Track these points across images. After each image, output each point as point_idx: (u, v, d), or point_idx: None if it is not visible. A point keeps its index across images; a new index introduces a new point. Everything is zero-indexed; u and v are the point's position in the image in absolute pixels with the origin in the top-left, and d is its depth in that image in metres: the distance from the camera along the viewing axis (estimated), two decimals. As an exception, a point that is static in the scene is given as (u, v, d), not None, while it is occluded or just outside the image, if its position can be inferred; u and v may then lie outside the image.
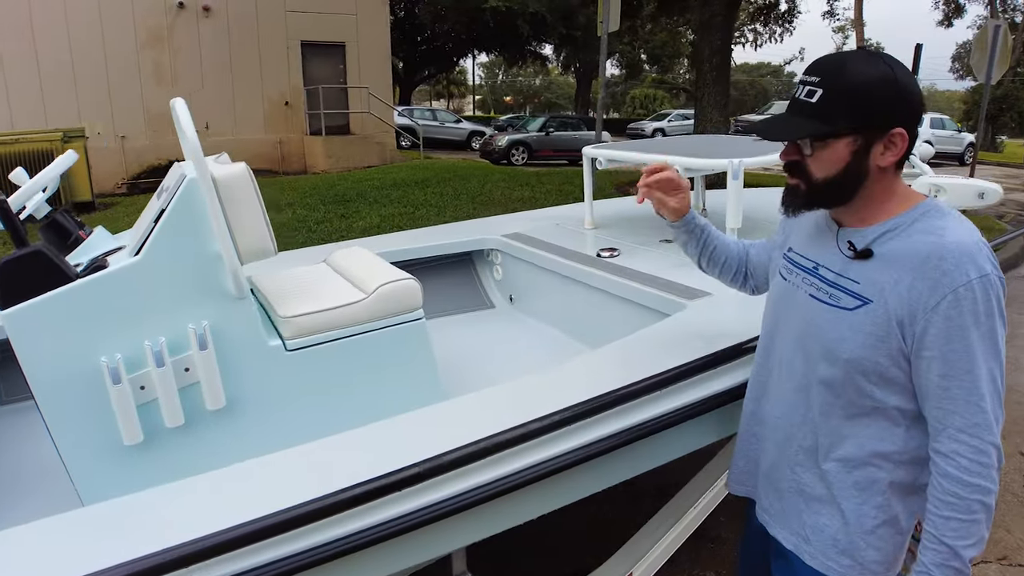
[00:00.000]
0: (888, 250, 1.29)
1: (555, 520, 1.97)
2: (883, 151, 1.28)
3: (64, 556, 1.33)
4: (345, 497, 1.48)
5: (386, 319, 2.20)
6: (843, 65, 1.27)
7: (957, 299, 1.20)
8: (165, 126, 13.95)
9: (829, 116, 1.27)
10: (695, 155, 2.91)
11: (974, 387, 1.22)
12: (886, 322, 1.27)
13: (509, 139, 19.92)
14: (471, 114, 49.44)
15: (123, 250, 2.00)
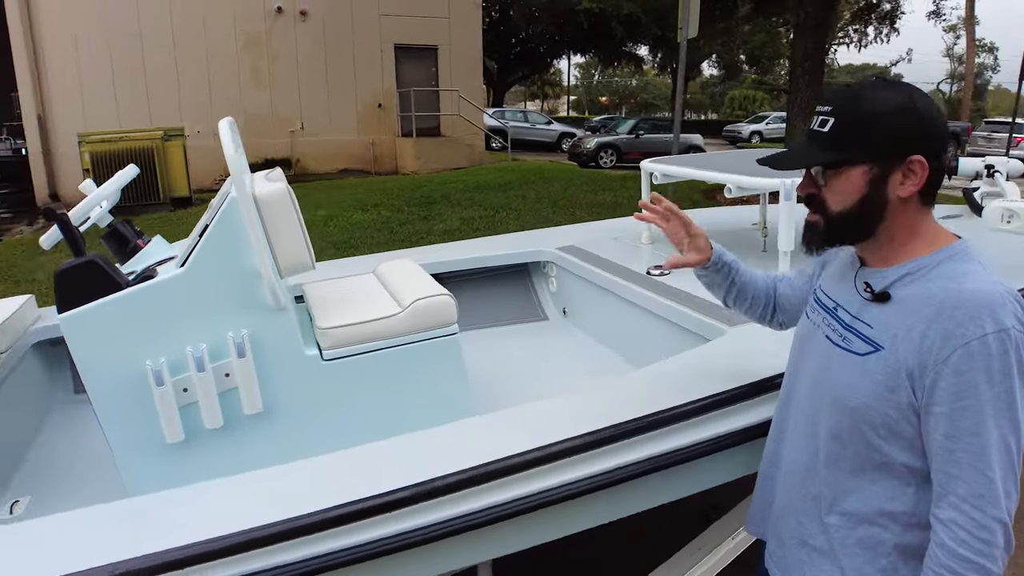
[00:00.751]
0: (906, 294, 1.21)
1: (598, 533, 1.97)
2: (902, 180, 1.20)
3: (106, 542, 1.44)
4: (373, 504, 1.52)
5: (420, 333, 2.25)
6: (858, 94, 1.23)
7: (969, 353, 1.10)
8: (262, 126, 14.69)
9: (842, 144, 1.22)
10: (748, 172, 2.83)
11: (982, 452, 1.11)
12: (896, 372, 1.19)
13: (598, 141, 19.83)
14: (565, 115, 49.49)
15: (173, 261, 2.14)
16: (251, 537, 1.44)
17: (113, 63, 13.33)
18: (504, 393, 2.77)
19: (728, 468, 2.01)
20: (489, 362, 3.10)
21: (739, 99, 44.81)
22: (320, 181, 13.75)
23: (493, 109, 25.39)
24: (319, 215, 9.54)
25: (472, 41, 16.90)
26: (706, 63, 39.56)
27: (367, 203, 10.36)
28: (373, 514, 1.52)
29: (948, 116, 23.21)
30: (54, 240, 2.07)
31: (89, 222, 2.25)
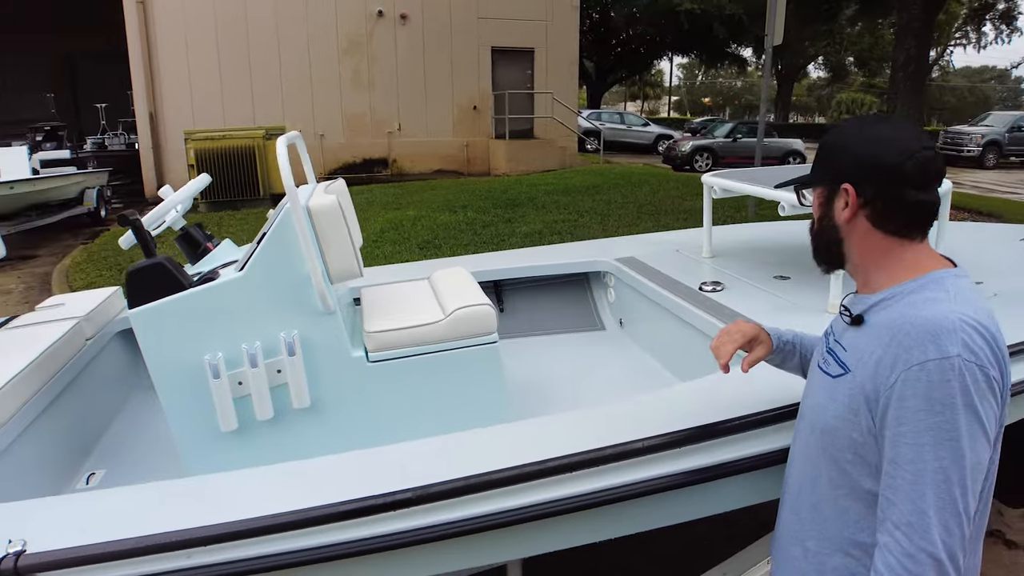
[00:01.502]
0: (877, 319, 1.25)
1: (645, 539, 2.01)
2: (843, 206, 1.28)
3: (165, 515, 1.65)
4: (407, 497, 1.65)
5: (461, 340, 2.39)
6: (840, 125, 1.35)
7: (909, 379, 1.11)
8: (361, 127, 15.34)
9: (813, 168, 1.37)
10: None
11: (916, 481, 1.10)
12: (857, 395, 1.21)
13: (693, 144, 19.47)
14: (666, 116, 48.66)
15: (235, 264, 2.37)
16: (295, 519, 1.60)
17: (221, 65, 14.25)
18: (550, 400, 2.87)
19: (758, 489, 2.03)
20: (541, 369, 3.21)
21: (846, 102, 42.76)
22: (415, 182, 14.20)
23: (589, 111, 25.36)
24: (408, 215, 9.90)
25: (569, 43, 16.99)
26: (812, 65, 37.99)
27: (455, 204, 10.64)
28: (406, 506, 1.65)
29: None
30: (131, 242, 2.33)
31: (164, 225, 2.51)
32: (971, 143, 21.98)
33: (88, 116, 20.79)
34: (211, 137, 11.61)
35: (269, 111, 14.40)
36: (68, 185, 11.57)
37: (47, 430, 2.45)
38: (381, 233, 8.86)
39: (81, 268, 8.11)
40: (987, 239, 3.73)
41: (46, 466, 2.42)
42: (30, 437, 2.34)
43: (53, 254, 9.75)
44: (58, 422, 2.53)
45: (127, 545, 1.56)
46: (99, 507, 1.74)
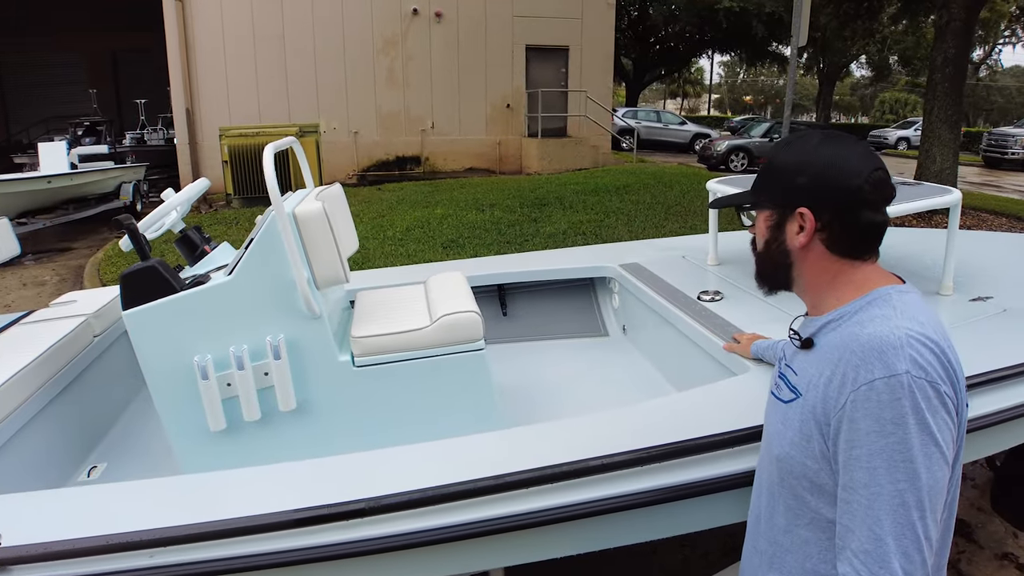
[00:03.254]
0: (825, 341, 1.21)
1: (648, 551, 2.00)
2: (797, 231, 1.23)
3: (147, 513, 1.68)
4: (393, 502, 1.67)
5: (446, 347, 2.38)
6: (788, 141, 1.28)
7: (857, 400, 1.07)
8: (394, 125, 15.42)
9: (758, 187, 1.31)
10: None
11: (871, 506, 1.05)
12: (808, 420, 1.17)
13: (729, 144, 19.20)
14: (706, 114, 48.07)
15: (225, 268, 2.39)
16: (276, 520, 1.63)
17: (257, 62, 14.46)
18: (544, 406, 2.85)
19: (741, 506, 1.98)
20: (540, 374, 3.18)
21: (889, 102, 41.70)
22: (446, 180, 14.25)
23: (624, 109, 25.16)
24: (436, 213, 9.93)
25: (604, 41, 16.86)
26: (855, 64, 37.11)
27: (483, 203, 10.64)
28: (389, 511, 1.66)
29: None
30: (131, 245, 2.38)
31: (164, 227, 2.55)
32: (1016, 145, 21.29)
33: (129, 111, 21.32)
34: (244, 134, 11.79)
35: (304, 108, 14.58)
36: (105, 179, 11.87)
37: (52, 424, 2.51)
38: (407, 231, 8.90)
39: (112, 262, 8.31)
40: (1013, 248, 3.58)
41: (50, 459, 2.48)
42: (34, 430, 2.40)
43: (88, 247, 10.01)
44: (63, 416, 2.59)
45: (99, 542, 1.59)
46: (85, 503, 1.78)
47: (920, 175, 10.30)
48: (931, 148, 10.02)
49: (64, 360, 2.68)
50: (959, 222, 2.87)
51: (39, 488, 2.24)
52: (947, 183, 9.77)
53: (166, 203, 2.50)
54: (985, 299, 2.68)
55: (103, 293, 3.29)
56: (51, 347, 2.59)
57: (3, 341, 2.71)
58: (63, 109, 21.90)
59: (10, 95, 24.57)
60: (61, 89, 23.72)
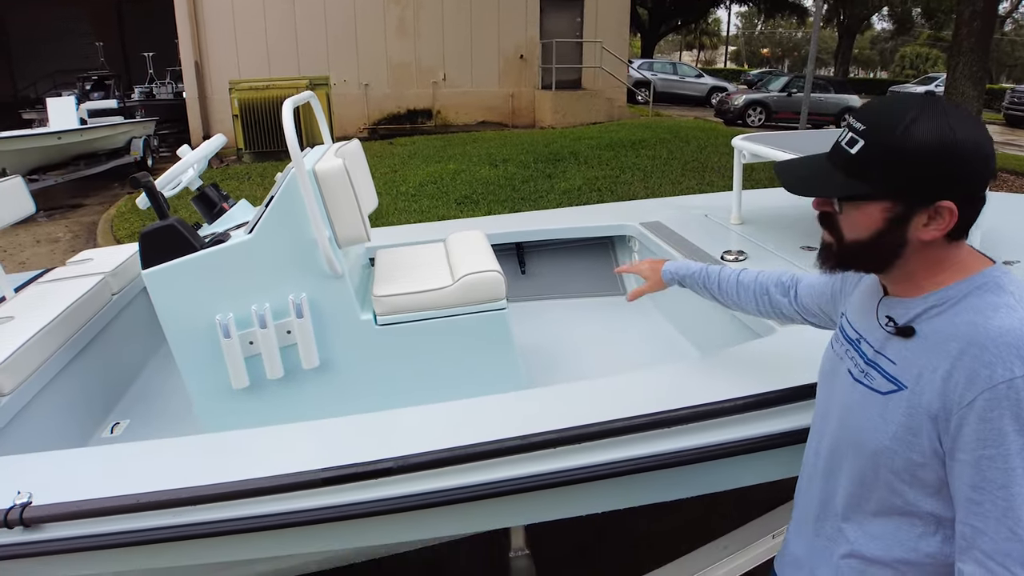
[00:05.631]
0: (931, 329, 1.11)
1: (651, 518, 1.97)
2: (926, 222, 1.08)
3: (178, 470, 1.69)
4: (419, 461, 1.66)
5: (468, 306, 2.34)
6: (896, 117, 1.07)
7: (995, 398, 1.00)
8: (406, 76, 15.17)
9: (865, 174, 1.09)
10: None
11: (1009, 507, 1.00)
12: (918, 414, 1.09)
13: (746, 98, 18.80)
14: (723, 67, 47.10)
15: (246, 226, 2.34)
16: (307, 479, 1.62)
17: (266, 14, 14.17)
18: (564, 365, 2.82)
19: (760, 470, 1.96)
20: (559, 333, 3.14)
21: (911, 56, 40.54)
22: (458, 134, 14.06)
23: (640, 60, 24.64)
24: (449, 169, 9.81)
25: (621, -9, 16.42)
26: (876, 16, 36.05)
27: (496, 158, 10.50)
28: (416, 470, 1.66)
29: None
30: (148, 202, 2.33)
31: (180, 185, 2.50)
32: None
33: (136, 65, 21.06)
34: (255, 87, 11.61)
35: (314, 61, 14.34)
36: (115, 135, 11.78)
37: (74, 382, 2.51)
38: (420, 187, 8.81)
39: (126, 218, 8.29)
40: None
41: (73, 416, 2.49)
42: (57, 388, 2.40)
43: (100, 203, 9.98)
44: (84, 374, 2.59)
45: (125, 501, 1.59)
46: (111, 462, 1.79)
47: (942, 133, 10.07)
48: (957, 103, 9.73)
49: (84, 319, 2.66)
50: None
51: (64, 445, 2.25)
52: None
53: (183, 160, 2.44)
54: (1012, 263, 2.61)
55: (119, 251, 3.26)
56: (71, 306, 2.57)
57: (23, 300, 2.69)
58: (69, 63, 21.67)
59: (16, 49, 24.31)
60: (67, 43, 23.43)
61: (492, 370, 2.40)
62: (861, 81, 36.93)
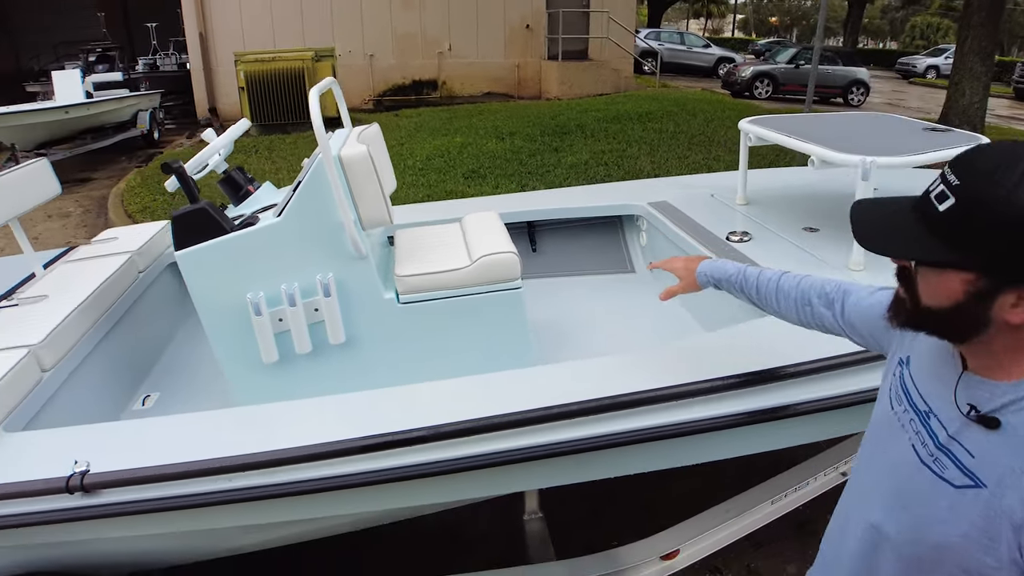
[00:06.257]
0: (1020, 422, 0.96)
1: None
2: (1015, 303, 0.93)
3: (201, 443, 1.82)
4: (450, 430, 1.82)
5: (485, 286, 2.45)
6: (1001, 175, 0.89)
7: None
8: (411, 47, 15.08)
9: (951, 237, 0.94)
10: (840, 143, 2.73)
11: None
12: (999, 520, 0.95)
13: (754, 70, 18.65)
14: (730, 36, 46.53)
15: (273, 209, 2.45)
16: (342, 448, 1.77)
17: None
18: (574, 341, 2.94)
19: (754, 442, 2.11)
20: (570, 309, 3.25)
21: (921, 27, 39.93)
22: (464, 105, 14.02)
23: (647, 30, 24.39)
24: (456, 142, 9.84)
25: (627, -41, 16.23)
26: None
27: (503, 131, 10.51)
28: (430, 440, 1.81)
29: None
30: (177, 184, 2.44)
31: (207, 168, 2.59)
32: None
33: (139, 36, 20.91)
34: (261, 59, 11.57)
35: (319, 31, 14.24)
36: (121, 108, 11.77)
37: (106, 357, 2.64)
38: (427, 160, 8.86)
39: (136, 192, 8.36)
40: None
41: (107, 389, 2.61)
42: (92, 363, 2.52)
43: (109, 177, 10.05)
44: (116, 349, 2.72)
45: (177, 469, 1.73)
46: (156, 432, 1.93)
47: (948, 109, 10.01)
48: (961, 81, 9.66)
49: (114, 296, 2.78)
50: None
51: (99, 418, 2.38)
52: (975, 118, 9.50)
53: (210, 145, 2.54)
54: None
55: (143, 229, 3.37)
56: (102, 284, 2.69)
57: (54, 278, 2.80)
58: (71, 35, 21.49)
59: (16, 21, 24.12)
60: (68, 14, 23.19)
61: (506, 346, 2.52)
62: (870, 52, 36.51)
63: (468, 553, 2.81)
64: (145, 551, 2.04)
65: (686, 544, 2.43)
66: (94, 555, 1.97)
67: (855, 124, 3.29)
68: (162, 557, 2.12)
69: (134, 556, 2.06)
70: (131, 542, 1.93)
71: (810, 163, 2.72)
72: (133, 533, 1.84)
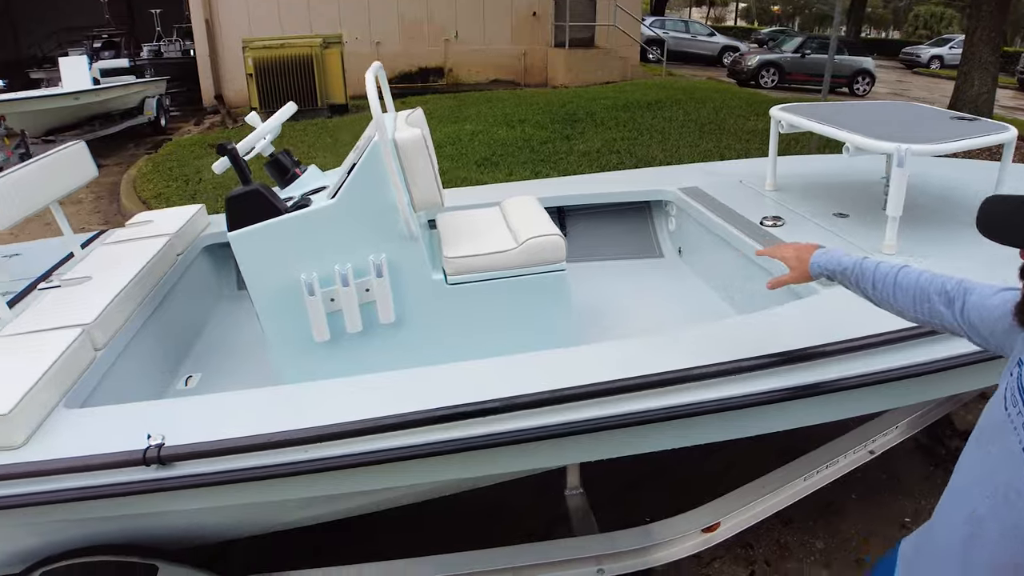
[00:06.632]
0: None
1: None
2: None
3: (263, 418, 1.87)
4: (484, 408, 1.87)
5: (532, 267, 2.49)
6: None
7: None
8: (417, 34, 15.04)
9: None
10: (873, 130, 2.77)
11: None
12: None
13: (760, 59, 18.62)
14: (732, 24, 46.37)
15: (324, 191, 2.48)
16: (377, 424, 1.82)
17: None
18: (610, 324, 2.98)
19: (788, 419, 2.18)
20: (602, 293, 3.30)
21: (924, 16, 39.77)
22: (471, 93, 14.00)
23: (652, 18, 24.31)
24: (466, 129, 9.85)
25: (634, -54, 16.16)
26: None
27: (513, 119, 10.52)
28: (477, 416, 1.87)
29: None
30: (225, 167, 2.47)
31: (254, 152, 2.62)
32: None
33: (142, 21, 20.80)
34: (269, 46, 11.56)
35: (325, 18, 14.21)
36: (129, 95, 11.75)
37: (151, 337, 2.68)
38: (439, 148, 8.87)
39: (148, 178, 8.36)
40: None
41: (151, 369, 2.66)
42: (138, 343, 2.57)
43: (118, 164, 10.03)
44: (159, 330, 2.76)
45: (249, 441, 1.79)
46: (216, 408, 1.97)
47: (956, 99, 10.01)
48: (970, 71, 9.65)
49: (156, 278, 2.82)
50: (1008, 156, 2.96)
51: (144, 397, 2.42)
52: (984, 108, 9.50)
53: (259, 128, 2.57)
54: None
55: (177, 213, 3.40)
56: (145, 266, 2.72)
57: (95, 260, 2.83)
58: (73, 20, 21.37)
59: (18, 6, 23.95)
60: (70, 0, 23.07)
61: (549, 326, 2.57)
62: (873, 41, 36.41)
63: (512, 529, 2.86)
64: (209, 524, 2.09)
65: (726, 518, 2.50)
66: (160, 528, 2.02)
67: (884, 112, 3.32)
68: (224, 530, 2.17)
69: (198, 529, 2.11)
70: (197, 515, 1.98)
71: (844, 150, 2.77)
72: (204, 505, 1.89)
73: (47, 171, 2.87)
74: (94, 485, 1.75)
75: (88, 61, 11.31)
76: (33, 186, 2.72)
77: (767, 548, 2.80)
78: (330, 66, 12.01)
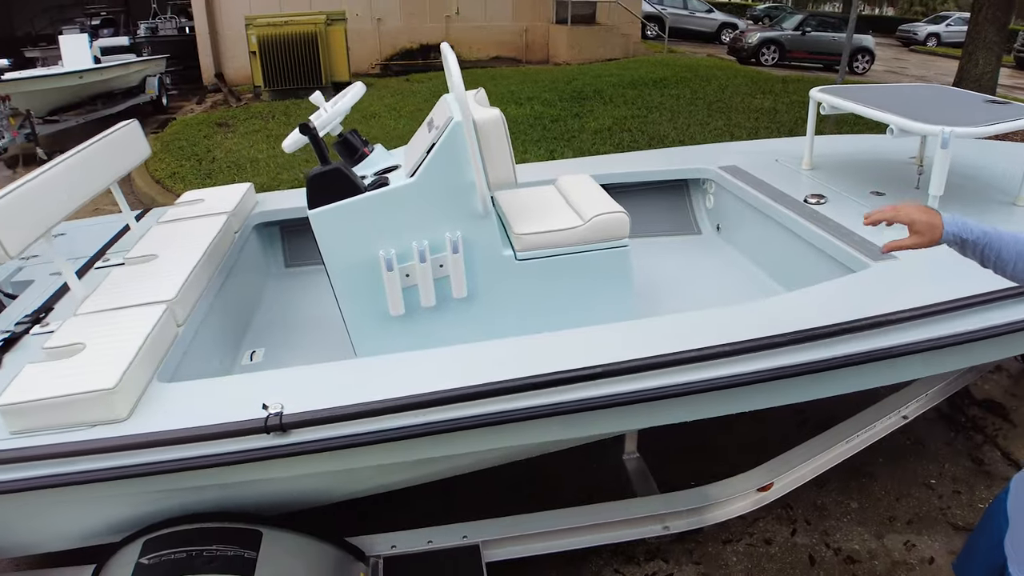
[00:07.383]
0: None
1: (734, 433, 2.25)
2: None
3: (342, 390, 1.96)
4: (552, 379, 1.97)
5: (597, 243, 2.59)
6: None
7: None
8: (418, 10, 14.94)
9: None
10: (916, 112, 2.87)
11: None
12: None
13: (761, 36, 18.59)
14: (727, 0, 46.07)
15: (399, 169, 2.56)
16: (451, 395, 1.93)
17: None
18: (658, 300, 3.09)
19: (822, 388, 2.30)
20: (647, 270, 3.40)
21: (919, -8, 39.66)
22: (473, 70, 13.96)
23: (652, -6, 24.17)
24: (475, 107, 9.85)
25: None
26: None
27: (520, 96, 10.54)
28: (546, 386, 1.98)
29: None
30: (297, 146, 2.55)
31: (324, 131, 2.68)
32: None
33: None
34: (273, 23, 11.49)
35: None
36: (130, 73, 11.64)
37: (219, 313, 2.76)
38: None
39: (160, 158, 8.35)
40: None
41: (221, 344, 2.74)
42: (210, 319, 2.64)
43: (129, 142, 9.97)
44: (225, 306, 2.84)
45: (361, 408, 1.89)
46: (311, 379, 2.06)
47: (960, 78, 10.06)
48: (975, 51, 9.67)
49: (220, 256, 2.89)
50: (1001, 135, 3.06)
51: (214, 373, 2.51)
52: (987, 88, 9.57)
53: (333, 110, 2.63)
54: None
55: (228, 191, 3.46)
56: (211, 243, 2.79)
57: (155, 238, 2.89)
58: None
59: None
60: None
61: (612, 300, 2.67)
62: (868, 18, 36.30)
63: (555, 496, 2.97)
64: (308, 489, 2.19)
65: (779, 478, 2.67)
66: (258, 495, 2.12)
67: (920, 95, 3.42)
68: (319, 495, 2.28)
69: (297, 495, 2.21)
70: (298, 481, 2.08)
71: (888, 132, 2.87)
72: (314, 470, 1.99)
73: (107, 152, 2.92)
74: (213, 454, 1.84)
75: (89, 39, 11.20)
76: (94, 169, 2.77)
77: (806, 508, 2.95)
78: (334, 43, 11.94)
